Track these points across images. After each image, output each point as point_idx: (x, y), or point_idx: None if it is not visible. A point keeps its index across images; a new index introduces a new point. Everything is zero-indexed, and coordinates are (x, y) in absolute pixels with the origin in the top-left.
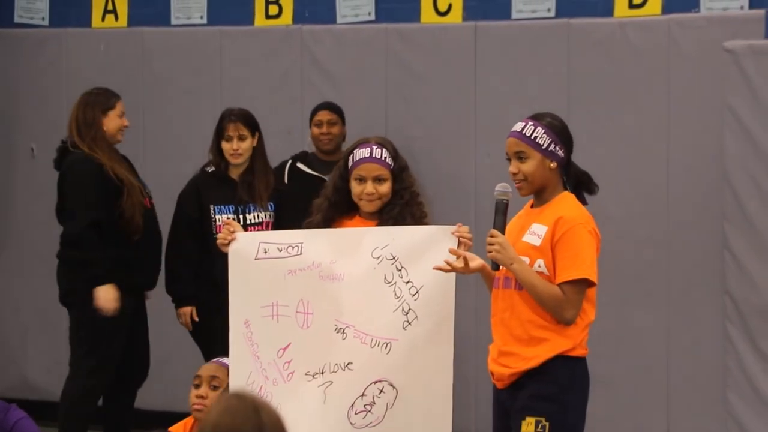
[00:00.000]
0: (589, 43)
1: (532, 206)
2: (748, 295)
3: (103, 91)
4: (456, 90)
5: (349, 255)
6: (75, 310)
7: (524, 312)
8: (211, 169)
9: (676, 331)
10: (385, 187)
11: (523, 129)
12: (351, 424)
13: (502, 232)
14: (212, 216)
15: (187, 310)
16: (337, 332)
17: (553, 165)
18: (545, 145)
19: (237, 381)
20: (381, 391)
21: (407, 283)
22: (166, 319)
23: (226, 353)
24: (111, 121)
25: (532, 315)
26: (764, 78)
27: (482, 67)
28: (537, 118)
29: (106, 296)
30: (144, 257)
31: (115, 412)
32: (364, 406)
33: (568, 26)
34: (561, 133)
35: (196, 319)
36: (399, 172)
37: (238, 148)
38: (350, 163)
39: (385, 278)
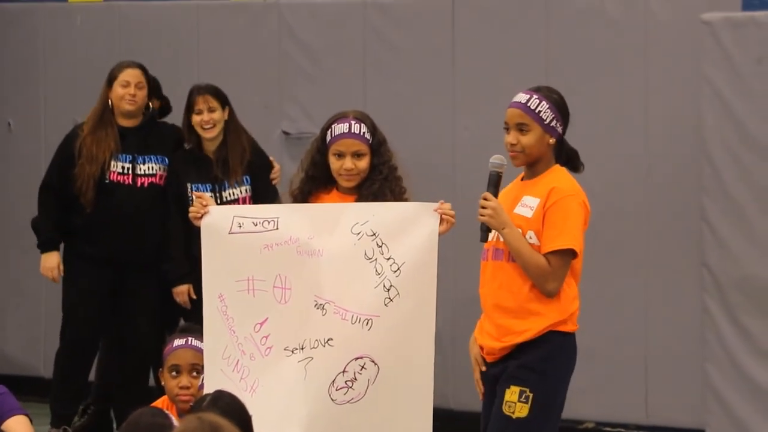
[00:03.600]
0: (567, 13)
1: (522, 179)
2: (726, 267)
3: (118, 62)
4: (434, 63)
5: (327, 231)
6: None
7: (515, 284)
8: (188, 146)
9: (655, 304)
10: (364, 163)
11: (527, 101)
12: (332, 400)
13: None
14: (190, 195)
15: (184, 288)
16: (317, 308)
17: (552, 140)
18: (547, 120)
19: (212, 355)
20: (362, 367)
21: (388, 259)
22: None
23: None
24: (114, 92)
25: (523, 287)
26: (741, 50)
27: (461, 39)
28: (541, 92)
29: (44, 264)
30: (98, 229)
31: (106, 388)
32: (345, 382)
33: None
34: (562, 109)
35: (194, 296)
36: (377, 146)
37: (209, 120)
38: (328, 138)
39: (365, 254)
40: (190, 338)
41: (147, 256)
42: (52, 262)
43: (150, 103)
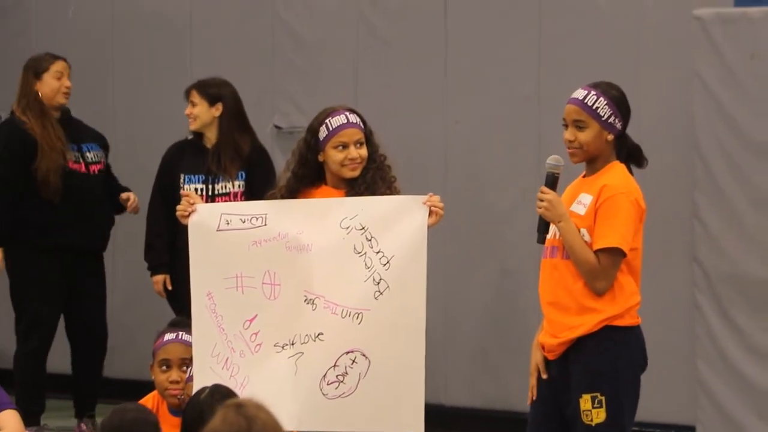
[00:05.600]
0: (559, 8)
1: (584, 176)
2: (717, 263)
3: (41, 55)
4: (427, 57)
5: (316, 226)
6: (8, 275)
7: (570, 281)
8: (190, 136)
9: (646, 300)
10: (365, 151)
11: (585, 98)
12: (323, 394)
13: None
14: (181, 185)
15: (160, 278)
16: (307, 303)
17: (610, 137)
18: (605, 117)
19: (201, 353)
20: (353, 361)
21: (378, 253)
22: (140, 286)
23: None
24: (45, 84)
25: (577, 284)
26: (733, 46)
27: (453, 34)
28: (599, 88)
29: None
30: (65, 219)
31: (80, 380)
32: (336, 376)
33: None
34: (621, 105)
35: (170, 287)
36: (369, 135)
37: (189, 113)
38: (323, 133)
39: (354, 248)
40: (180, 333)
41: (101, 242)
42: None
43: None
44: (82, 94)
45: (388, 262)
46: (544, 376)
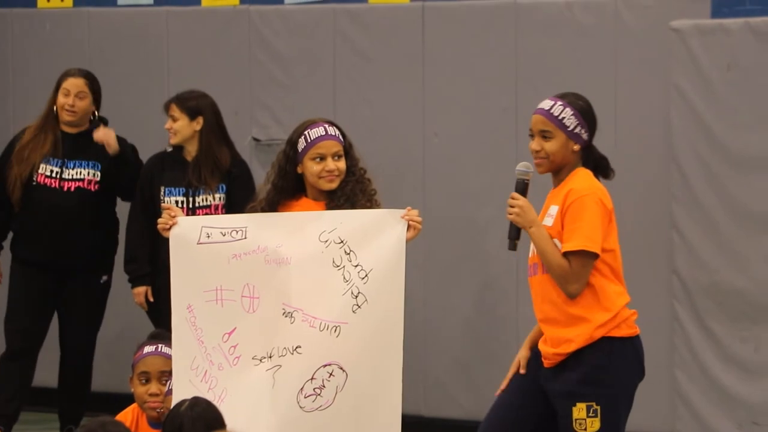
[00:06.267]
0: (536, 22)
1: (552, 189)
2: (695, 274)
3: (66, 69)
4: (404, 70)
5: (295, 239)
6: None
7: (553, 294)
8: (170, 149)
9: None
10: (343, 164)
11: (551, 108)
12: (300, 407)
13: None
14: (162, 197)
15: (141, 290)
16: (285, 316)
17: (576, 147)
18: (571, 127)
19: (180, 366)
20: (331, 374)
21: (356, 266)
22: (120, 298)
23: None
24: (57, 100)
25: (561, 295)
26: (710, 57)
27: (430, 48)
28: (566, 98)
29: None
30: (26, 231)
31: (63, 397)
32: (314, 389)
33: (515, 6)
34: (587, 115)
35: (151, 299)
36: (349, 148)
37: (169, 128)
38: (302, 145)
39: (333, 262)
40: (160, 345)
41: (78, 261)
42: None
43: (95, 112)
44: None
45: (366, 275)
46: (522, 371)
